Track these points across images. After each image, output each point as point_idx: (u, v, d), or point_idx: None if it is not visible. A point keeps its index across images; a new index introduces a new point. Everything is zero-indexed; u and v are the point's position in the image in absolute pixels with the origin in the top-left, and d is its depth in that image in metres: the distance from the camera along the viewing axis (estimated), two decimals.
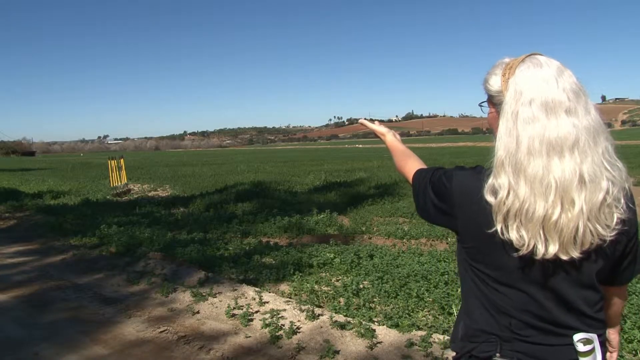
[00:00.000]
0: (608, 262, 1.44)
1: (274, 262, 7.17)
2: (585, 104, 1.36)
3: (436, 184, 1.58)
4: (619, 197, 1.36)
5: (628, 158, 23.27)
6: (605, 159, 1.35)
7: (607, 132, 1.37)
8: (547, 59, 1.41)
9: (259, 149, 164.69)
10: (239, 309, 5.28)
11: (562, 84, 1.35)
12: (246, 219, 11.12)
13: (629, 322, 4.50)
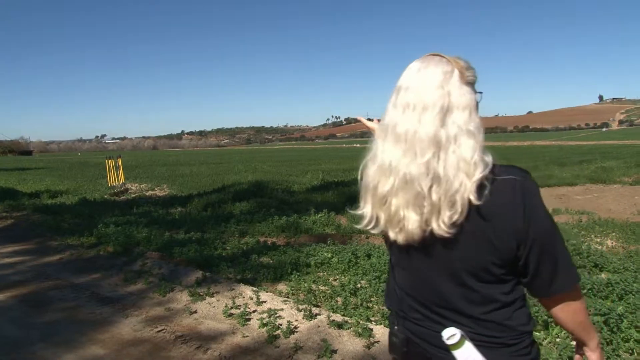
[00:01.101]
0: (484, 264, 1.43)
1: (271, 261, 7.17)
2: (417, 110, 1.42)
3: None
4: (453, 196, 1.37)
5: (625, 158, 23.54)
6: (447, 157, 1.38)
7: (455, 133, 1.40)
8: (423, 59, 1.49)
9: (257, 149, 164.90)
10: (236, 308, 5.28)
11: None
12: (244, 218, 11.14)
13: (625, 322, 4.51)
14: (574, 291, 1.49)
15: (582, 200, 15.88)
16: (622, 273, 6.41)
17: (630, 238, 9.39)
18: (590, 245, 8.49)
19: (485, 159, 1.38)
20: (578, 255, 7.23)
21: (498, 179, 1.37)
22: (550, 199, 16.18)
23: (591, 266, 6.95)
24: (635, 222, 10.88)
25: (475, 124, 1.40)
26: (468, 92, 1.43)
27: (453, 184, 1.35)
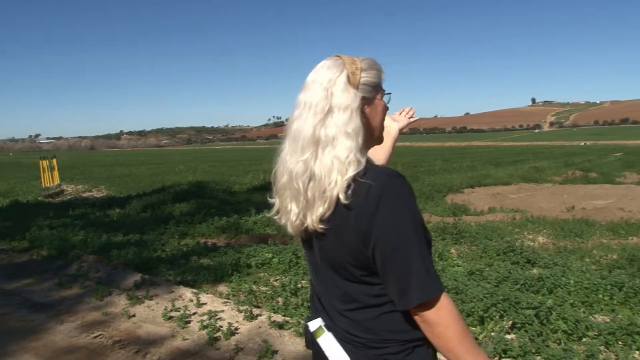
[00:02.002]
0: (349, 264, 1.45)
1: (212, 262, 7.12)
2: (307, 110, 1.46)
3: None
4: (324, 193, 1.40)
5: (555, 158, 24.48)
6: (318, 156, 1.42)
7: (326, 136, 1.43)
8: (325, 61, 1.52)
9: (198, 149, 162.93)
10: (176, 311, 5.22)
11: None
12: (184, 219, 10.99)
13: (554, 314, 4.72)
14: (433, 310, 1.36)
15: (516, 199, 16.42)
16: (552, 268, 6.69)
17: (560, 234, 9.79)
18: (523, 242, 8.81)
19: (361, 160, 1.40)
20: (512, 251, 7.50)
21: (360, 181, 1.37)
22: (486, 197, 16.68)
23: (524, 262, 7.21)
24: (564, 219, 11.34)
25: (354, 125, 1.41)
26: (352, 95, 1.43)
27: (325, 182, 1.39)
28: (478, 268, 6.57)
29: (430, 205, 13.83)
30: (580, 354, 4.05)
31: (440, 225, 9.81)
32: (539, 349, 4.19)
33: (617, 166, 30.32)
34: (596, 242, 9.18)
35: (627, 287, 5.49)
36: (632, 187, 19.47)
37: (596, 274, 6.18)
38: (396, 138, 2.16)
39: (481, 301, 5.00)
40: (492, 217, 11.92)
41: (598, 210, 13.04)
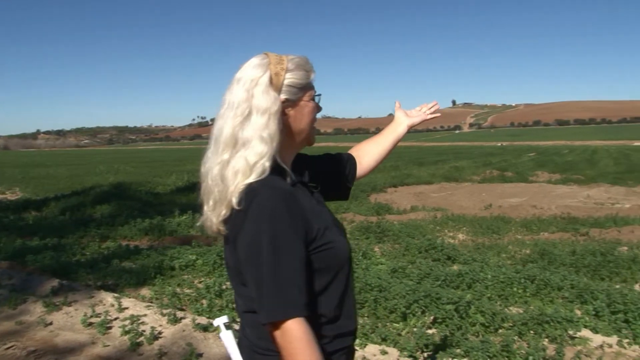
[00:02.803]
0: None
1: (134, 266, 6.95)
2: (229, 110, 1.44)
3: None
4: (227, 196, 1.40)
5: (474, 158, 25.38)
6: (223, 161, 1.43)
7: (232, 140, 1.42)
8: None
9: (120, 149, 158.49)
10: (96, 317, 5.05)
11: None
12: (105, 222, 10.66)
13: (473, 308, 4.92)
14: (279, 332, 1.31)
15: (437, 198, 16.91)
16: (471, 264, 6.95)
17: (478, 231, 10.18)
18: (444, 240, 9.10)
19: (266, 166, 1.39)
20: (433, 249, 7.73)
21: (251, 188, 1.37)
22: (409, 196, 17.09)
23: (445, 259, 7.45)
24: (483, 217, 11.79)
25: (270, 131, 1.40)
26: (272, 98, 1.42)
27: (230, 185, 1.39)
28: (401, 265, 6.74)
29: (355, 204, 14.03)
30: (496, 345, 4.23)
31: (364, 225, 9.97)
32: (459, 342, 4.36)
33: (530, 166, 31.80)
34: (511, 238, 9.61)
35: (538, 280, 5.79)
36: (544, 185, 20.52)
37: (511, 269, 6.47)
38: (401, 137, 2.05)
39: (404, 298, 5.13)
40: (414, 216, 12.22)
41: (513, 208, 13.64)
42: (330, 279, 1.44)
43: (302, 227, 1.36)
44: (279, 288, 1.30)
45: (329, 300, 1.45)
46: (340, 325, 1.48)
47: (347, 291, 1.50)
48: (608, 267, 6.85)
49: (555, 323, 4.66)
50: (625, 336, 4.65)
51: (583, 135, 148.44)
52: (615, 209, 13.22)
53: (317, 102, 1.55)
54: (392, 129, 2.05)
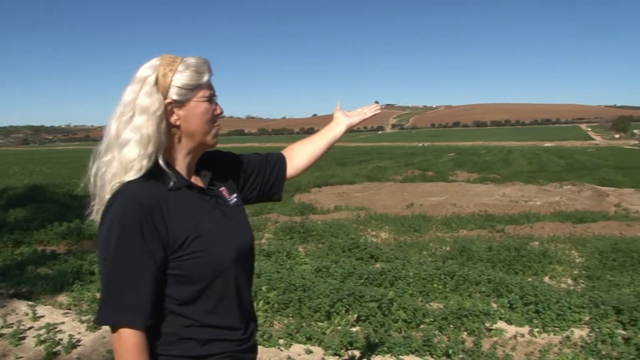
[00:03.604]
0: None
1: (51, 271, 6.66)
2: (118, 110, 1.45)
3: None
4: (105, 195, 1.42)
5: (396, 158, 25.90)
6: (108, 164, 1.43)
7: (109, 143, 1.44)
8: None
9: (36, 149, 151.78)
10: (8, 327, 4.79)
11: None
12: (19, 226, 10.14)
13: (395, 305, 5.04)
14: (115, 337, 1.35)
15: (360, 197, 17.18)
16: (393, 262, 7.10)
17: (400, 230, 10.42)
18: (367, 239, 9.26)
19: (141, 167, 1.39)
20: (357, 248, 7.85)
21: (113, 192, 1.38)
22: (333, 196, 17.28)
23: (368, 257, 7.58)
24: (405, 215, 12.09)
25: (148, 131, 1.39)
26: (155, 99, 1.41)
27: (107, 185, 1.40)
28: (325, 265, 6.80)
29: (279, 205, 14.04)
30: (418, 340, 4.36)
31: (288, 225, 10.00)
32: (382, 338, 4.45)
33: (450, 165, 32.87)
34: (432, 236, 9.90)
35: (457, 276, 6.01)
36: (463, 185, 21.27)
37: (432, 265, 6.67)
38: (338, 137, 2.02)
39: (328, 297, 5.19)
40: (338, 215, 12.36)
41: (434, 206, 14.06)
42: (203, 287, 1.44)
43: (155, 238, 1.36)
44: (115, 295, 1.33)
45: (203, 307, 1.45)
46: (216, 331, 1.48)
47: (227, 297, 1.50)
48: (521, 262, 7.20)
49: (473, 317, 4.85)
50: (536, 326, 4.92)
51: (499, 136, 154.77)
52: (528, 206, 13.88)
53: (214, 103, 1.54)
54: (329, 128, 2.03)
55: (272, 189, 1.88)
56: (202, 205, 1.51)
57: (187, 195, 1.48)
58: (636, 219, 11.97)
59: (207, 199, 1.54)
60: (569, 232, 10.12)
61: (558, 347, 4.50)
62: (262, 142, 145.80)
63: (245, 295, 1.58)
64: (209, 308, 1.47)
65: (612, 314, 4.99)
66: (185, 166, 1.52)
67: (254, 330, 1.64)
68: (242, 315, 1.56)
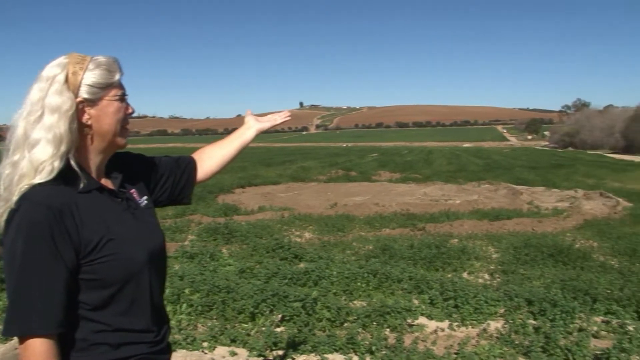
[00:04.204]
0: None
1: None
2: (25, 109, 1.38)
3: None
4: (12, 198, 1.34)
5: (320, 158, 26.07)
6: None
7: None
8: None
9: None
10: None
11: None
12: None
13: (319, 304, 5.07)
14: (21, 348, 1.31)
15: (284, 198, 17.17)
16: (317, 261, 7.13)
17: (324, 229, 10.49)
18: (291, 239, 9.27)
19: (53, 168, 1.34)
20: (280, 248, 7.84)
21: (21, 195, 1.32)
22: (257, 197, 17.18)
23: (292, 257, 7.59)
24: (328, 215, 12.18)
25: (59, 131, 1.34)
26: (66, 97, 1.37)
27: (14, 187, 1.33)
28: (249, 266, 6.77)
29: (202, 206, 13.85)
30: (342, 338, 4.41)
31: (212, 226, 9.87)
32: (306, 337, 4.47)
33: (373, 165, 33.40)
34: (356, 235, 10.03)
35: (380, 274, 6.12)
36: (386, 184, 21.68)
37: (355, 264, 6.77)
38: (248, 141, 2.01)
39: (252, 298, 5.16)
40: (262, 216, 12.30)
41: (357, 206, 14.24)
42: (115, 290, 1.41)
43: (66, 242, 1.32)
44: (23, 304, 1.29)
45: (114, 311, 1.42)
46: (129, 334, 1.45)
47: (140, 300, 1.47)
48: (441, 259, 7.41)
49: (395, 313, 4.96)
50: (455, 320, 5.10)
51: (420, 137, 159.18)
52: (448, 205, 14.30)
53: (125, 103, 1.50)
54: (239, 133, 2.03)
55: (182, 192, 1.85)
56: (113, 208, 1.46)
57: (98, 197, 1.43)
58: (546, 215, 12.59)
59: (118, 201, 1.50)
60: (486, 229, 10.52)
61: (476, 339, 4.67)
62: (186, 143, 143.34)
63: (157, 297, 1.55)
64: (121, 312, 1.43)
65: (524, 306, 5.25)
66: (96, 167, 1.48)
67: (167, 331, 1.61)
68: (154, 318, 1.53)
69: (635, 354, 4.14)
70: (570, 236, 9.78)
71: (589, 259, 7.72)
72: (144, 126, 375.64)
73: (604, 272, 6.90)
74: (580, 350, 4.14)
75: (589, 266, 7.28)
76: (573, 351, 4.15)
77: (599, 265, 7.38)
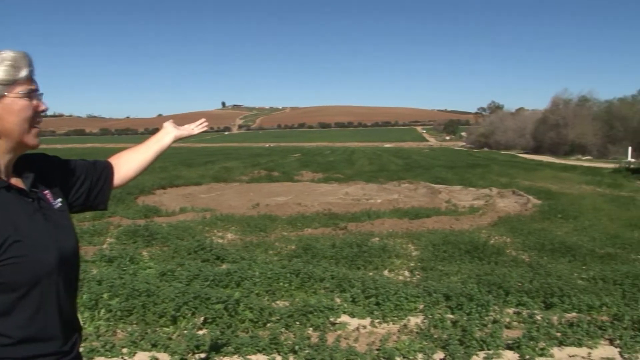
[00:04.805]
0: None
1: None
2: None
3: None
4: None
5: (243, 158, 25.81)
6: None
7: None
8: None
9: None
10: None
11: None
12: None
13: (242, 305, 5.03)
14: None
15: (206, 199, 16.92)
16: (239, 262, 7.08)
17: (247, 230, 10.42)
18: (212, 240, 9.14)
19: None
20: (202, 249, 7.72)
21: None
22: (178, 198, 16.83)
23: (214, 259, 7.49)
24: (251, 216, 12.11)
25: None
26: None
27: None
28: (170, 268, 6.62)
29: (121, 208, 13.42)
30: (265, 339, 4.40)
31: (132, 228, 9.59)
32: (229, 339, 4.43)
33: (296, 166, 33.50)
34: (278, 235, 10.02)
35: (302, 273, 6.14)
36: (308, 184, 21.79)
37: (278, 264, 6.77)
38: (166, 147, 2.00)
39: (173, 301, 5.05)
40: (183, 217, 12.08)
41: (280, 206, 14.23)
42: (20, 295, 1.34)
43: None
44: None
45: (18, 319, 1.35)
46: (33, 345, 1.37)
47: (46, 307, 1.40)
48: (363, 257, 7.52)
49: (318, 312, 4.99)
50: (377, 317, 5.19)
51: (343, 138, 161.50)
52: (369, 204, 14.53)
53: (36, 100, 1.44)
54: (157, 138, 2.00)
55: (98, 197, 1.78)
56: (22, 208, 1.39)
57: (5, 196, 1.36)
58: (463, 213, 13.04)
59: (28, 201, 1.42)
60: (406, 227, 10.78)
61: (396, 335, 4.77)
62: (105, 143, 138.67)
63: (67, 304, 1.47)
64: (25, 319, 1.35)
65: (443, 301, 5.42)
66: (4, 167, 1.40)
67: (77, 340, 1.54)
68: (63, 326, 1.45)
69: (542, 341, 4.38)
70: (485, 233, 10.19)
71: (503, 254, 8.07)
72: (59, 125, 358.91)
73: (516, 266, 7.24)
74: (494, 341, 4.34)
75: (503, 261, 7.61)
76: (487, 342, 4.34)
77: (511, 260, 7.74)
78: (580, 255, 8.02)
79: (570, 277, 6.63)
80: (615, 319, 4.96)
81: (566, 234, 10.12)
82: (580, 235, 9.91)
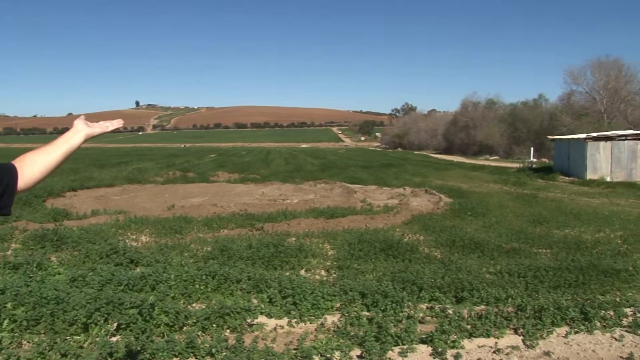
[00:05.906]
0: None
1: None
2: None
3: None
4: None
5: (157, 159, 25.23)
6: None
7: None
8: None
9: None
10: None
11: None
12: None
13: (157, 309, 4.92)
14: None
15: (119, 200, 16.41)
16: (154, 265, 6.93)
17: (162, 232, 10.21)
18: (126, 243, 8.88)
19: None
20: (115, 253, 7.50)
21: None
22: (90, 200, 16.24)
23: (127, 262, 7.29)
24: (166, 218, 11.86)
25: None
26: None
27: None
28: (81, 274, 6.38)
29: (28, 211, 12.78)
30: (181, 343, 4.32)
31: (39, 233, 9.16)
32: (144, 345, 4.31)
33: (212, 166, 33.11)
34: (194, 237, 9.88)
35: (219, 275, 6.09)
36: (224, 185, 21.60)
37: (194, 267, 6.67)
38: (75, 147, 1.84)
39: (84, 307, 4.87)
40: (95, 220, 11.67)
41: (195, 207, 14.02)
42: None
43: None
44: None
45: None
46: None
47: None
48: (280, 257, 7.56)
49: (235, 314, 4.96)
50: (294, 317, 5.23)
51: (259, 138, 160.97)
52: (286, 204, 14.59)
53: None
54: (66, 137, 1.86)
55: (1, 202, 1.66)
56: None
57: None
58: (378, 212, 13.34)
59: None
60: (323, 227, 10.90)
61: (314, 334, 4.83)
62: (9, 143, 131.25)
63: None
64: None
65: (359, 299, 5.54)
66: None
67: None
68: None
69: (454, 333, 4.57)
70: (399, 231, 10.49)
71: (416, 251, 8.35)
72: None
73: (429, 263, 7.51)
74: (408, 336, 4.48)
75: (416, 258, 7.87)
76: (402, 337, 4.48)
77: (424, 257, 8.02)
78: (489, 251, 8.43)
79: (480, 271, 6.97)
80: (519, 309, 5.25)
81: (475, 230, 10.59)
82: (489, 232, 10.41)
